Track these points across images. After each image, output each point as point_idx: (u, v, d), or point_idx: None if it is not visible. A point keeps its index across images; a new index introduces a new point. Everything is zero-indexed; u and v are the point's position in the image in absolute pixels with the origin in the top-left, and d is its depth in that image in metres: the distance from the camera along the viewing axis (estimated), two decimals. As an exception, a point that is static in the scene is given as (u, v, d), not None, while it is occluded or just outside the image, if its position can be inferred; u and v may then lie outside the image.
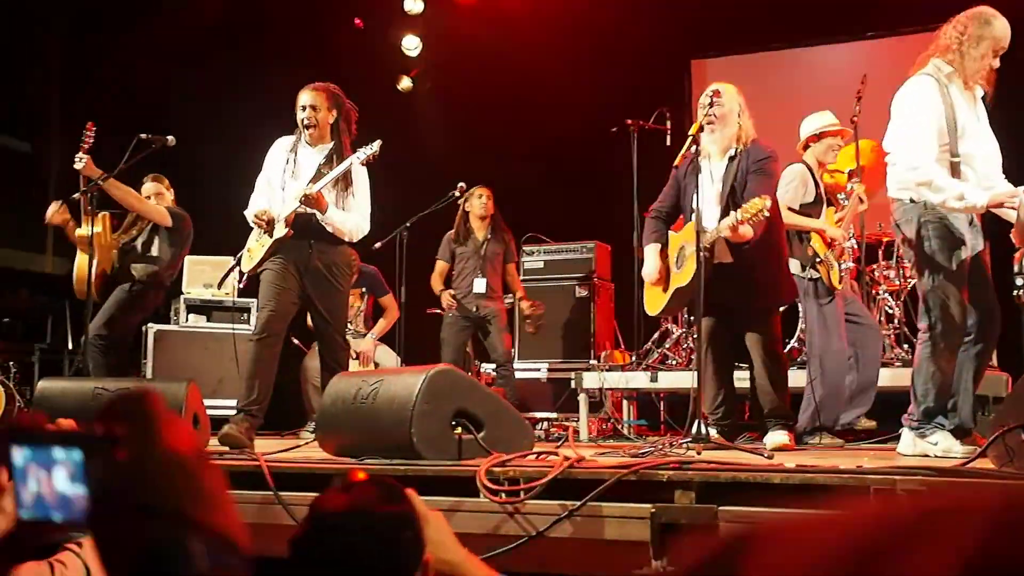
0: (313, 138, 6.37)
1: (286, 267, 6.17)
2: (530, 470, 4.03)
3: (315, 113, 6.32)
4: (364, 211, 6.41)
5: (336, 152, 6.35)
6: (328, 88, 6.42)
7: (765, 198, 5.42)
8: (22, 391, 8.58)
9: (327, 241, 6.22)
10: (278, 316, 6.12)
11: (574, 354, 9.34)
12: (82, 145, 7.26)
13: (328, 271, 6.22)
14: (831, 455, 5.27)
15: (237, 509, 1.43)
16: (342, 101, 6.48)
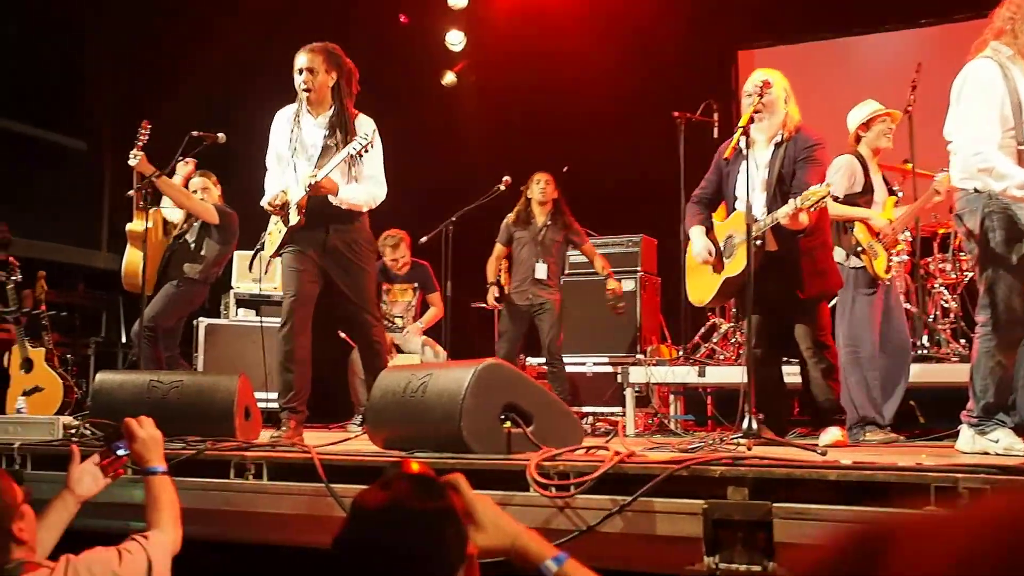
0: (313, 104, 6.08)
1: (303, 250, 6.02)
2: (580, 464, 4.02)
3: (313, 77, 6.01)
4: (377, 176, 6.13)
5: (338, 118, 6.05)
6: (326, 48, 6.12)
7: (828, 184, 5.36)
8: (79, 383, 8.66)
9: (343, 220, 6.02)
10: (300, 301, 6.00)
11: (620, 348, 9.31)
12: (137, 143, 7.31)
13: (348, 250, 6.05)
14: (887, 452, 5.20)
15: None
16: (341, 61, 6.16)
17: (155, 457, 3.64)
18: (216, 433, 5.33)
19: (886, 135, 6.78)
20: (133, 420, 3.68)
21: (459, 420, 4.43)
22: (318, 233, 5.99)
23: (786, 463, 3.80)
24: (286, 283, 6.11)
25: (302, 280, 6.00)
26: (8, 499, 3.15)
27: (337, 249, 6.01)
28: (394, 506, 2.06)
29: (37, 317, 8.68)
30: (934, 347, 7.55)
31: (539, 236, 8.73)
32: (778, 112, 5.84)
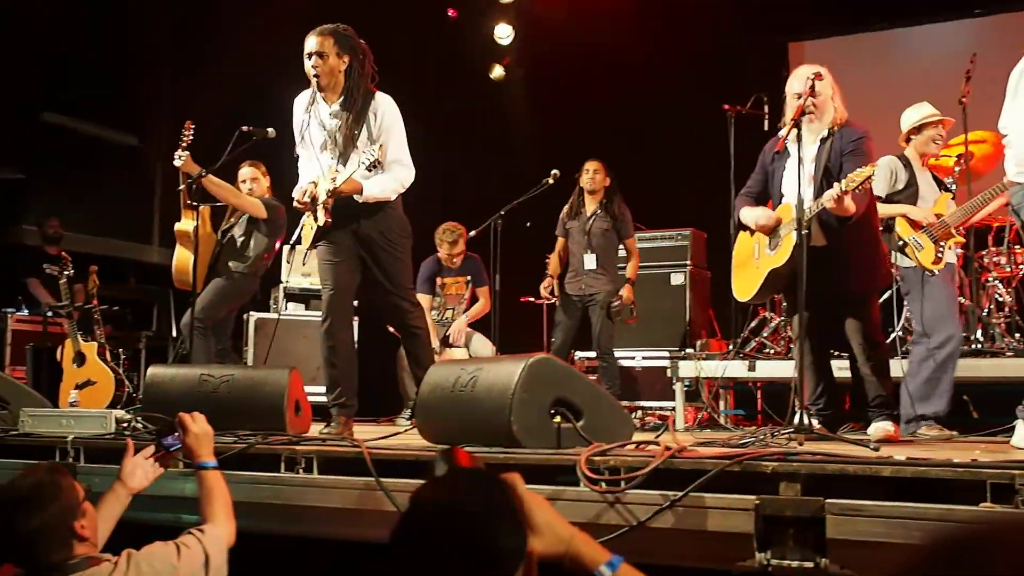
0: (326, 90, 5.90)
1: (338, 242, 5.97)
2: (631, 459, 4.00)
3: (323, 61, 5.81)
4: (402, 159, 5.97)
5: (352, 104, 5.88)
6: (335, 30, 5.88)
7: (872, 166, 5.29)
8: (130, 377, 8.75)
9: (375, 208, 5.93)
10: (338, 294, 5.98)
11: (670, 342, 9.29)
12: (181, 143, 7.35)
13: (382, 238, 5.97)
14: (940, 448, 5.14)
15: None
16: (353, 42, 5.93)
17: (206, 452, 3.72)
18: (267, 427, 5.36)
19: (935, 141, 6.71)
20: (186, 415, 3.76)
21: (509, 415, 4.42)
22: (351, 224, 5.94)
23: (839, 459, 3.77)
24: (323, 276, 6.08)
25: (339, 272, 5.98)
26: (71, 498, 3.23)
27: (371, 238, 5.96)
28: (454, 503, 2.04)
29: (89, 311, 8.78)
30: (988, 341, 7.47)
31: (586, 226, 8.71)
32: (828, 112, 5.79)
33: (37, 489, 3.19)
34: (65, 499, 3.21)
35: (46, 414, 5.86)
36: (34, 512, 3.14)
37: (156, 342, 10.27)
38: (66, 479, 3.29)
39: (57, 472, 3.33)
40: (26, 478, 3.27)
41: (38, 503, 3.15)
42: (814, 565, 3.48)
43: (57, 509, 3.17)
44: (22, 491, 3.20)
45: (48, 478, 3.25)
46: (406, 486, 4.27)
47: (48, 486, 3.21)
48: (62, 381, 8.34)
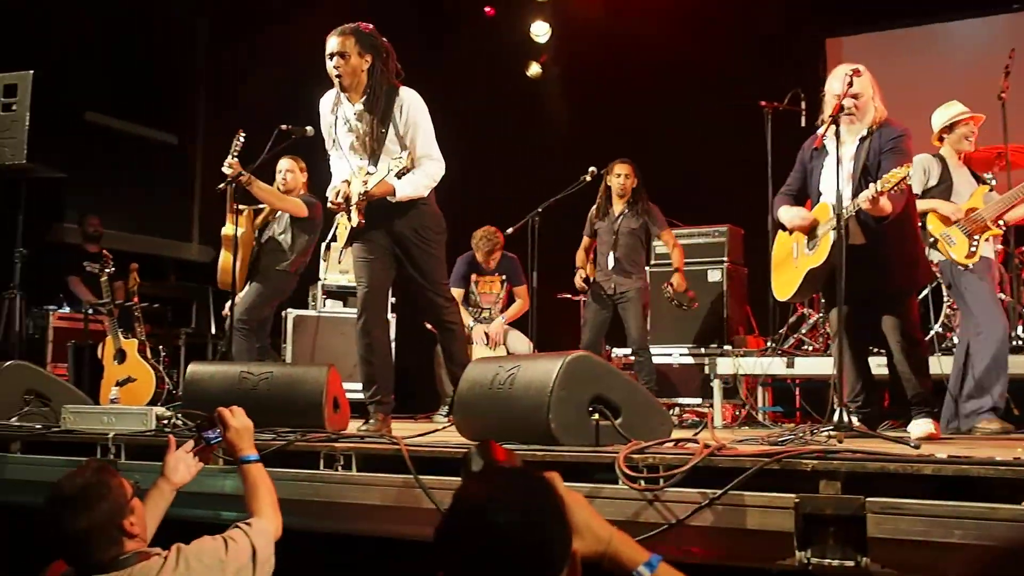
0: (350, 90, 5.84)
1: (373, 239, 5.95)
2: (670, 457, 3.99)
3: (345, 61, 5.75)
4: (431, 153, 5.90)
5: (375, 102, 5.82)
6: (356, 30, 5.82)
7: (907, 166, 5.26)
8: (170, 374, 8.81)
9: (408, 207, 5.89)
10: (373, 291, 5.99)
11: (707, 339, 9.27)
12: (233, 151, 7.35)
13: (416, 235, 5.93)
14: (982, 445, 5.11)
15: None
16: (375, 41, 5.86)
17: (247, 446, 3.75)
18: (305, 424, 5.39)
19: (967, 138, 6.73)
20: (225, 410, 3.79)
21: (547, 412, 4.41)
22: (385, 222, 5.91)
23: (880, 457, 3.74)
24: (358, 273, 6.08)
25: (374, 269, 5.97)
26: (120, 496, 3.26)
27: (405, 235, 5.93)
28: (499, 501, 2.03)
29: (129, 309, 8.85)
30: (1028, 338, 7.41)
31: (614, 226, 8.72)
32: (868, 111, 5.76)
33: (85, 490, 3.21)
34: (113, 498, 3.23)
35: (87, 411, 5.90)
36: (82, 512, 3.16)
37: (196, 339, 10.34)
38: (114, 478, 3.31)
39: (105, 471, 3.35)
40: (74, 479, 3.28)
41: (86, 503, 3.17)
42: (855, 564, 3.46)
43: (105, 508, 3.19)
44: (70, 492, 3.21)
45: (96, 478, 3.26)
46: (444, 483, 4.28)
47: (96, 486, 3.23)
48: (103, 378, 8.42)
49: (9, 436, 5.81)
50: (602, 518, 2.32)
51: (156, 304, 10.23)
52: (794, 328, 8.76)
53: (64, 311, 9.92)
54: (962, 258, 6.39)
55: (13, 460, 5.68)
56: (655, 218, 8.85)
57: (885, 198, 5.34)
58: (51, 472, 5.37)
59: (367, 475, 4.66)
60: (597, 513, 2.33)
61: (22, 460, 5.67)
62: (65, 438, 5.64)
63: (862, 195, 5.42)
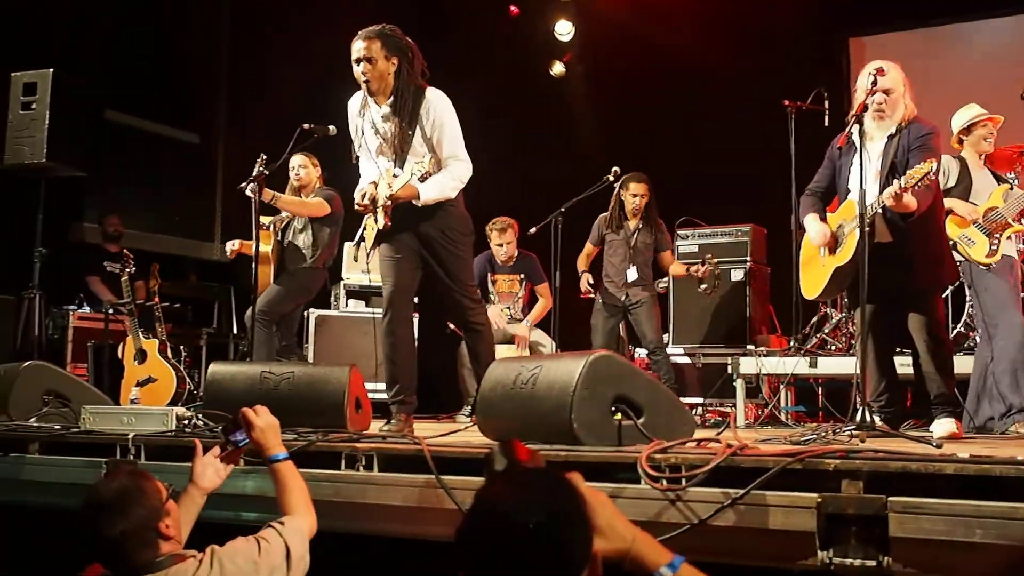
0: (377, 93, 5.84)
1: (400, 239, 5.95)
2: (692, 457, 3.98)
3: (372, 66, 5.75)
4: (458, 154, 5.90)
5: (402, 104, 5.82)
6: (382, 32, 5.81)
7: (931, 161, 5.23)
8: (190, 374, 8.83)
9: (435, 208, 5.89)
10: (399, 291, 5.99)
11: (730, 339, 9.24)
12: (254, 175, 7.30)
13: (443, 236, 5.94)
14: (1004, 444, 5.09)
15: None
16: (401, 42, 5.85)
17: (274, 444, 3.73)
18: (327, 424, 5.38)
19: (986, 139, 6.74)
20: (249, 409, 3.76)
21: (570, 412, 4.40)
22: (412, 223, 5.91)
23: (902, 456, 3.73)
24: (384, 273, 6.07)
25: (401, 269, 5.97)
26: (155, 500, 3.28)
27: (431, 236, 5.93)
28: (522, 501, 2.04)
29: (150, 308, 8.86)
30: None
31: (631, 240, 8.73)
32: (899, 108, 5.74)
33: (121, 494, 3.24)
34: (148, 502, 3.26)
35: (106, 411, 5.90)
36: (118, 517, 3.19)
37: (217, 339, 10.36)
38: (149, 482, 3.33)
39: (140, 475, 3.38)
40: (109, 483, 3.33)
41: (122, 508, 3.20)
42: (877, 563, 3.45)
43: (141, 513, 3.22)
44: (106, 497, 3.25)
45: (131, 483, 3.29)
46: (467, 484, 4.28)
47: (131, 491, 3.26)
48: (123, 378, 8.44)
49: (28, 437, 5.80)
50: (625, 518, 2.31)
51: (177, 304, 10.25)
52: (817, 328, 8.74)
53: (84, 311, 9.92)
54: (983, 258, 6.36)
55: (32, 461, 5.68)
56: (664, 238, 8.97)
57: (909, 195, 5.32)
58: (71, 473, 5.40)
59: (389, 475, 4.66)
60: (621, 513, 2.32)
61: (41, 461, 5.66)
62: (84, 439, 5.63)
63: (886, 192, 5.41)
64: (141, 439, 5.39)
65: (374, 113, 5.95)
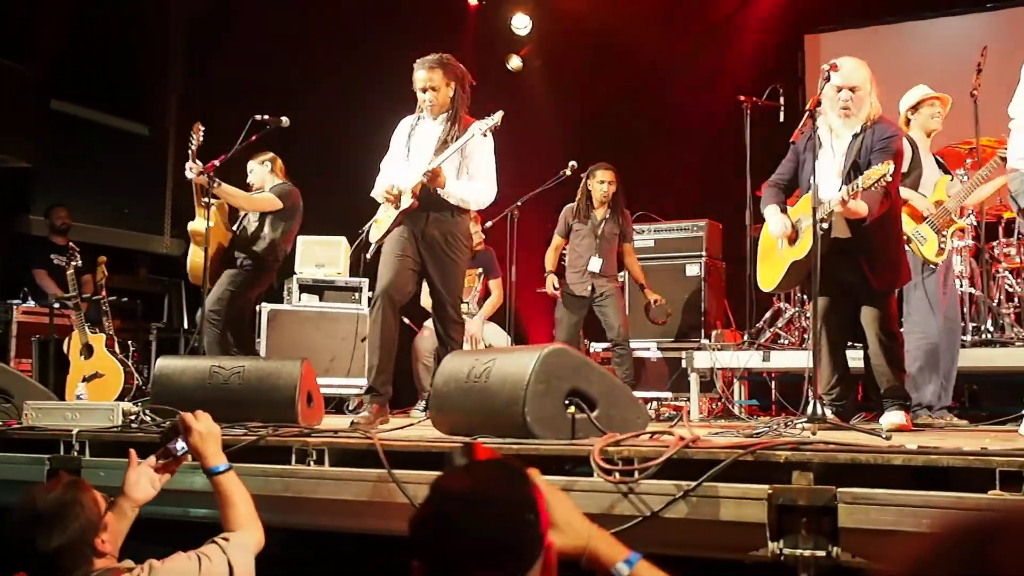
0: (433, 111, 6.34)
1: (404, 236, 6.17)
2: (645, 450, 3.98)
3: (436, 93, 6.30)
4: (489, 179, 6.35)
5: (455, 121, 6.31)
6: (441, 61, 6.35)
7: (888, 163, 5.25)
8: (139, 369, 8.74)
9: (446, 211, 6.19)
10: (394, 286, 6.11)
11: (685, 333, 9.28)
12: (190, 148, 7.25)
13: (444, 240, 6.18)
14: (952, 436, 5.13)
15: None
16: (457, 70, 6.43)
17: (213, 452, 3.55)
18: (278, 419, 5.33)
19: (934, 117, 6.81)
20: (188, 414, 3.59)
21: (523, 405, 4.40)
22: (420, 219, 6.16)
23: (851, 448, 3.76)
24: (384, 263, 6.20)
25: (402, 266, 6.15)
26: (93, 514, 3.15)
27: (434, 239, 6.17)
28: (477, 490, 2.05)
29: (97, 303, 8.74)
30: (998, 332, 7.45)
31: (598, 230, 8.72)
32: (864, 108, 5.76)
33: (59, 508, 3.10)
34: (86, 516, 3.13)
35: (50, 407, 5.83)
36: (55, 532, 3.06)
37: (168, 334, 10.26)
38: (87, 494, 3.19)
39: (78, 487, 3.22)
40: (47, 495, 3.16)
41: (59, 522, 3.07)
42: (827, 554, 3.47)
43: (79, 527, 3.09)
44: (43, 509, 3.10)
45: (69, 495, 3.16)
46: (419, 478, 4.26)
47: (70, 504, 3.12)
48: (69, 374, 8.31)
49: (-32, 433, 5.70)
50: (583, 516, 2.31)
51: (126, 298, 10.12)
52: (771, 322, 8.78)
53: (29, 305, 9.73)
54: (933, 256, 6.41)
55: (-28, 457, 5.57)
56: (628, 229, 8.97)
57: (859, 201, 5.35)
58: (12, 471, 5.32)
59: (340, 470, 4.62)
60: (579, 510, 2.32)
61: (-18, 457, 5.55)
62: (27, 435, 5.54)
63: (835, 196, 5.43)
64: (86, 435, 5.30)
65: (425, 124, 6.40)
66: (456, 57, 6.42)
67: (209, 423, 3.58)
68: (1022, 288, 7.78)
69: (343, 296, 9.35)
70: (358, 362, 8.94)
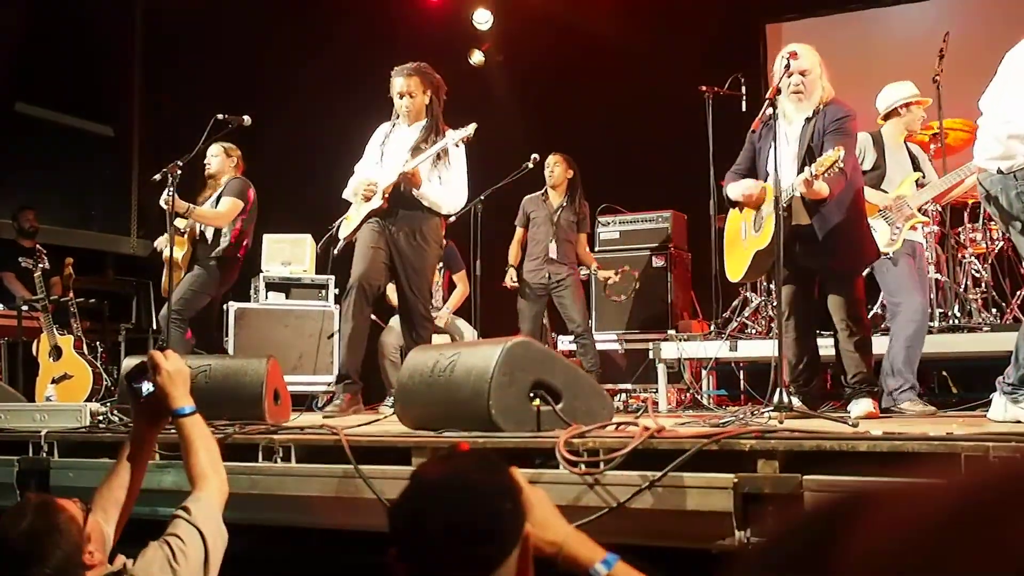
0: (409, 117, 6.59)
1: (377, 231, 6.37)
2: (610, 441, 3.99)
3: (412, 100, 6.56)
4: (460, 185, 6.57)
5: (431, 128, 6.52)
6: (419, 69, 6.66)
7: (839, 149, 5.26)
8: (108, 370, 8.69)
9: (417, 211, 6.38)
10: (366, 277, 6.30)
11: (651, 325, 9.30)
12: (169, 187, 7.16)
13: (413, 239, 6.36)
14: (919, 423, 5.16)
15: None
16: (434, 78, 6.72)
17: (181, 394, 3.38)
18: (245, 417, 5.31)
19: (919, 121, 6.80)
20: (157, 352, 3.41)
21: (488, 398, 4.40)
22: (391, 219, 6.37)
23: (816, 435, 3.78)
24: (358, 256, 6.40)
25: (375, 257, 6.36)
26: (74, 535, 2.91)
27: (405, 237, 6.37)
28: (456, 479, 2.08)
29: (65, 304, 8.70)
30: (965, 317, 7.48)
31: (554, 217, 8.75)
32: (816, 91, 5.78)
33: (33, 539, 2.83)
34: (66, 541, 2.87)
35: (18, 408, 5.82)
36: (36, 567, 2.80)
37: (136, 334, 10.22)
38: (63, 514, 2.92)
39: (50, 510, 2.93)
40: (17, 525, 2.85)
41: (38, 555, 2.81)
42: (793, 542, 3.47)
43: (61, 556, 2.84)
44: (19, 546, 2.82)
45: (42, 523, 2.87)
46: (385, 473, 4.25)
47: (46, 532, 2.85)
48: (38, 376, 8.29)
49: (-62, 436, 5.66)
50: (562, 518, 2.32)
51: (93, 300, 10.08)
52: (738, 312, 8.81)
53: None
54: (883, 247, 6.43)
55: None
56: (585, 219, 9.03)
57: (821, 181, 5.36)
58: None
59: (306, 466, 4.61)
60: (558, 512, 2.33)
61: (-50, 461, 5.51)
62: (-5, 437, 5.52)
63: (797, 178, 5.45)
64: (54, 436, 5.27)
65: (401, 130, 6.64)
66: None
67: (178, 362, 3.42)
68: (988, 273, 7.83)
69: (310, 294, 9.33)
70: (325, 359, 8.93)
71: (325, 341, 9.04)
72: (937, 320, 7.23)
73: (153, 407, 3.41)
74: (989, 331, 7.02)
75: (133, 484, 3.41)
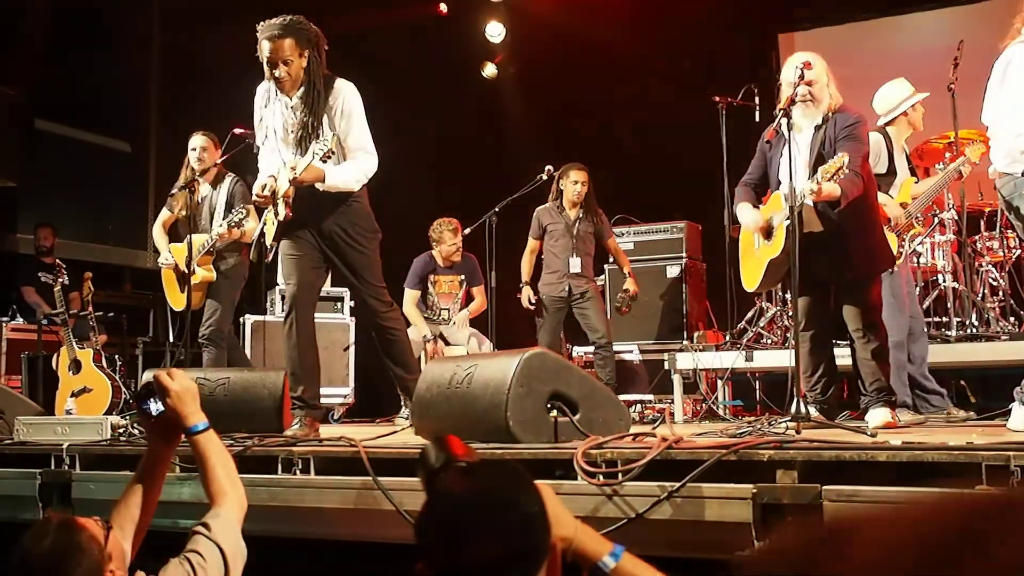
0: (286, 87, 5.71)
1: (301, 236, 5.81)
2: (628, 452, 3.99)
3: (287, 67, 5.64)
4: (365, 147, 5.81)
5: (312, 92, 5.69)
6: (290, 29, 5.66)
7: (843, 156, 5.26)
8: (127, 383, 8.72)
9: (337, 202, 5.77)
10: (301, 290, 5.84)
11: (667, 335, 9.29)
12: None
13: (345, 233, 5.80)
14: (938, 432, 5.14)
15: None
16: (309, 35, 5.72)
17: (192, 412, 3.31)
18: (263, 429, 5.36)
19: (921, 116, 6.79)
20: (163, 373, 3.34)
21: (505, 410, 4.41)
22: (312, 218, 5.77)
23: (835, 445, 3.77)
24: (286, 271, 5.96)
25: (302, 267, 5.84)
26: (95, 553, 2.86)
27: (334, 233, 5.80)
28: (485, 493, 2.06)
29: (84, 318, 8.75)
30: (983, 326, 7.46)
31: (573, 230, 8.71)
32: (824, 99, 5.79)
33: (56, 559, 2.78)
34: (88, 560, 2.82)
35: (40, 422, 5.86)
36: None
37: (153, 348, 10.25)
38: (84, 532, 2.87)
39: (72, 529, 2.88)
40: (40, 544, 2.81)
41: (62, 574, 2.77)
42: (813, 552, 3.46)
43: (83, 573, 2.79)
44: (40, 564, 2.79)
45: (65, 541, 2.82)
46: (403, 484, 4.26)
47: (68, 552, 2.80)
48: (58, 389, 8.32)
49: (-39, 449, 5.71)
50: (568, 511, 2.32)
51: (111, 313, 10.14)
52: (753, 322, 8.80)
53: (18, 322, 9.82)
54: None
55: (-35, 473, 5.58)
56: (605, 226, 8.97)
57: (832, 183, 5.35)
58: (3, 485, 5.34)
59: (325, 478, 4.63)
60: (564, 506, 2.34)
61: (-26, 473, 5.57)
62: (18, 450, 5.58)
63: (805, 187, 5.45)
64: (76, 449, 5.32)
65: (283, 102, 5.81)
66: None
67: (184, 380, 3.33)
68: (1006, 282, 7.81)
69: (325, 306, 9.33)
70: (340, 371, 8.95)
71: (341, 353, 9.06)
72: (955, 329, 7.21)
73: (165, 426, 3.34)
74: (1008, 340, 6.99)
75: (149, 502, 3.37)
